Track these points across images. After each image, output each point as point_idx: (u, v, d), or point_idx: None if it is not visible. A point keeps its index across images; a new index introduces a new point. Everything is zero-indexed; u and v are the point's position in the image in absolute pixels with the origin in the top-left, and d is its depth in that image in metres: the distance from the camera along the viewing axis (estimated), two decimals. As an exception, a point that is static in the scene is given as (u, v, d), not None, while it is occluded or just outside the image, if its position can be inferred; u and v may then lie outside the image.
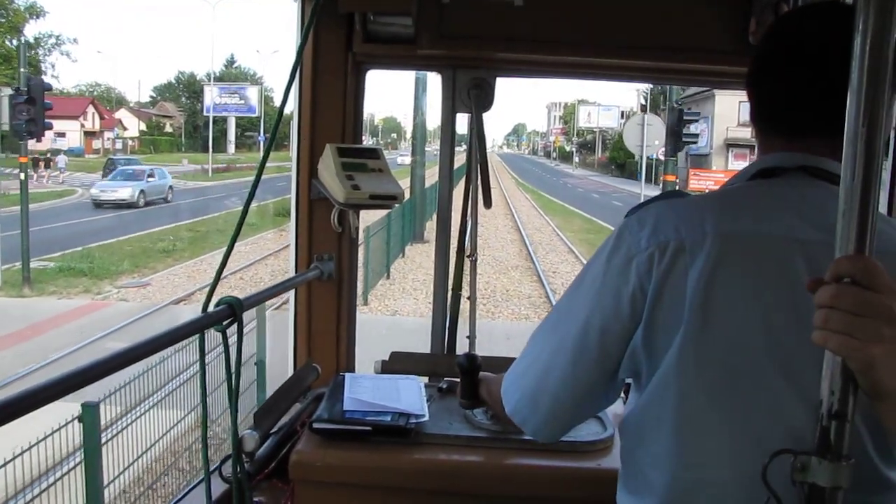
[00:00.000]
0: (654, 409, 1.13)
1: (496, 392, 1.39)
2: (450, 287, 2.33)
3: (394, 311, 13.47)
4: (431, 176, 27.36)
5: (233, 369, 1.59)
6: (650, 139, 16.92)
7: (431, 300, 2.34)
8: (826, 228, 0.99)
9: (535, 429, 1.27)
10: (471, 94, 2.24)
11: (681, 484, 1.12)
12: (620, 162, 64.14)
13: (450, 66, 2.25)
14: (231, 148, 66.90)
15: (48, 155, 46.40)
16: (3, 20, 47.34)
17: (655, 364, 1.11)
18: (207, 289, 1.60)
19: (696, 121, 17.65)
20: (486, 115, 2.29)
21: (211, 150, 52.06)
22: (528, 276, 16.77)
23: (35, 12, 48.67)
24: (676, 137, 15.53)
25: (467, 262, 2.36)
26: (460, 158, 2.77)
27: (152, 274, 16.75)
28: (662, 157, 17.99)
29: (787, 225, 1.08)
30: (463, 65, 2.24)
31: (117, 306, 13.75)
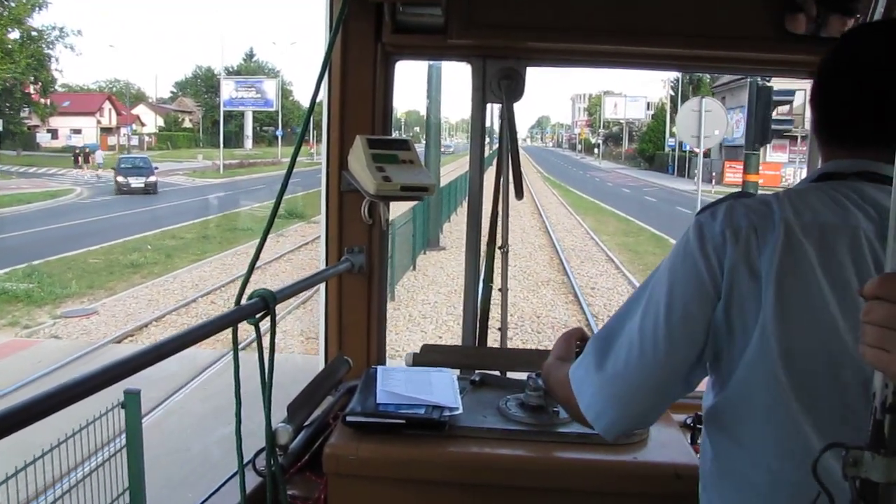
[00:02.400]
0: (743, 398, 1.15)
1: (562, 382, 1.36)
2: (481, 279, 2.32)
3: (392, 352, 10.51)
4: (446, 174, 25.80)
5: (265, 363, 1.60)
6: (709, 128, 14.70)
7: (443, 331, 2.31)
8: (880, 220, 1.13)
9: (609, 423, 1.25)
10: (501, 85, 2.22)
11: (782, 479, 1.13)
12: (649, 154, 63.65)
13: (480, 56, 2.23)
14: (248, 143, 66.54)
15: (87, 150, 46.92)
16: (5, 12, 46.90)
17: (737, 349, 1.14)
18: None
19: (791, 101, 15.02)
20: (510, 107, 2.26)
21: (222, 145, 51.06)
22: (562, 293, 14.21)
23: (37, 3, 48.13)
24: (763, 123, 12.58)
25: (498, 254, 2.34)
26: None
27: (106, 297, 13.74)
28: (697, 150, 16.08)
29: (848, 215, 1.15)
30: (493, 54, 2.22)
31: (42, 346, 10.77)
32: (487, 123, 2.46)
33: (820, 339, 1.10)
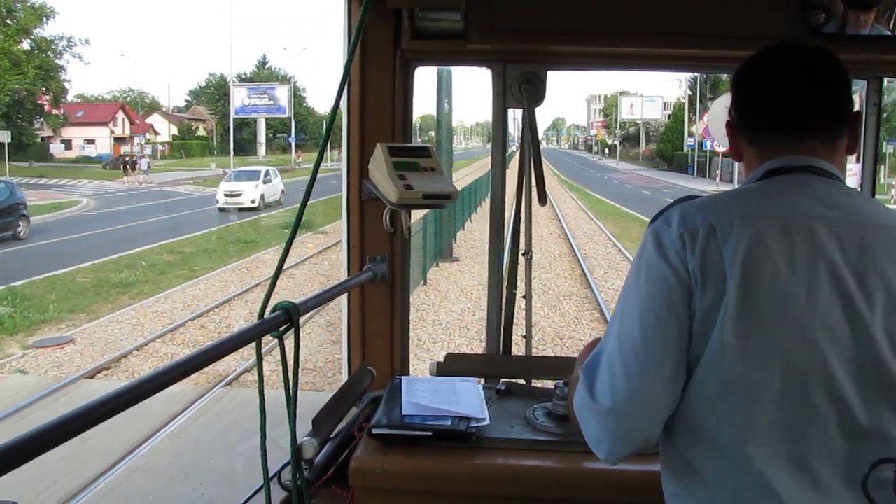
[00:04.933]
0: (700, 394, 1.14)
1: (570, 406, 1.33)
2: (505, 286, 2.29)
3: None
4: (458, 180, 24.67)
5: (290, 375, 1.58)
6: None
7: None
8: (839, 207, 1.15)
9: (608, 449, 1.23)
10: (522, 89, 2.20)
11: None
12: (669, 155, 63.29)
13: (500, 61, 2.21)
14: (262, 150, 65.68)
15: (134, 158, 47.28)
16: (12, 23, 46.77)
17: (699, 346, 1.12)
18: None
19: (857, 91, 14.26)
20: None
21: (233, 153, 50.62)
22: (585, 309, 12.52)
23: (44, 13, 48.05)
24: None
25: (522, 260, 2.31)
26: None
27: (87, 322, 12.05)
28: (719, 149, 15.52)
29: (806, 206, 1.16)
30: (513, 59, 2.20)
31: (3, 384, 9.25)
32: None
33: (785, 336, 1.08)
